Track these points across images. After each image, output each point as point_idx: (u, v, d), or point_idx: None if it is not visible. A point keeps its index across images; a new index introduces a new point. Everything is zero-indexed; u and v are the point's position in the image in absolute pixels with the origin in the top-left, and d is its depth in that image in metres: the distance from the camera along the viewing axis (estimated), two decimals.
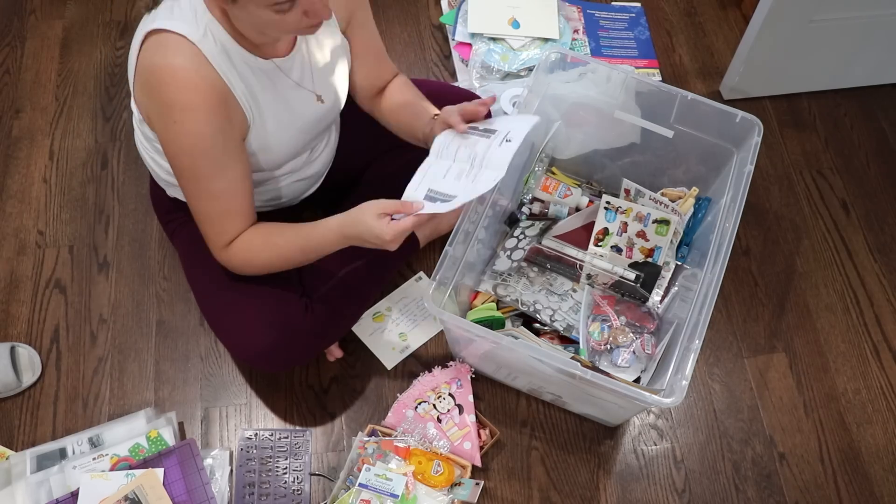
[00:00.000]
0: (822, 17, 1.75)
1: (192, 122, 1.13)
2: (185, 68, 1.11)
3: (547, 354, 1.25)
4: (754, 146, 1.42)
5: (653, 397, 1.18)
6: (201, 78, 1.12)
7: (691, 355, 1.21)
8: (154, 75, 1.13)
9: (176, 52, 1.11)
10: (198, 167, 1.18)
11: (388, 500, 1.31)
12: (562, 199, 1.66)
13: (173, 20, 1.11)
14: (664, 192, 1.64)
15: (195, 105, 1.12)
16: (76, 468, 1.34)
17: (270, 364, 1.40)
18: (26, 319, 1.57)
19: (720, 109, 1.47)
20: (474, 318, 1.46)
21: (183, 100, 1.12)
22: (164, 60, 1.12)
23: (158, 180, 1.41)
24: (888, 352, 1.62)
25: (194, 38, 1.11)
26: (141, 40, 1.14)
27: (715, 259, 1.32)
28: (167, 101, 1.13)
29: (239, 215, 1.24)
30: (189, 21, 1.12)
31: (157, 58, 1.12)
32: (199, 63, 1.12)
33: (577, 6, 2.07)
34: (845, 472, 1.48)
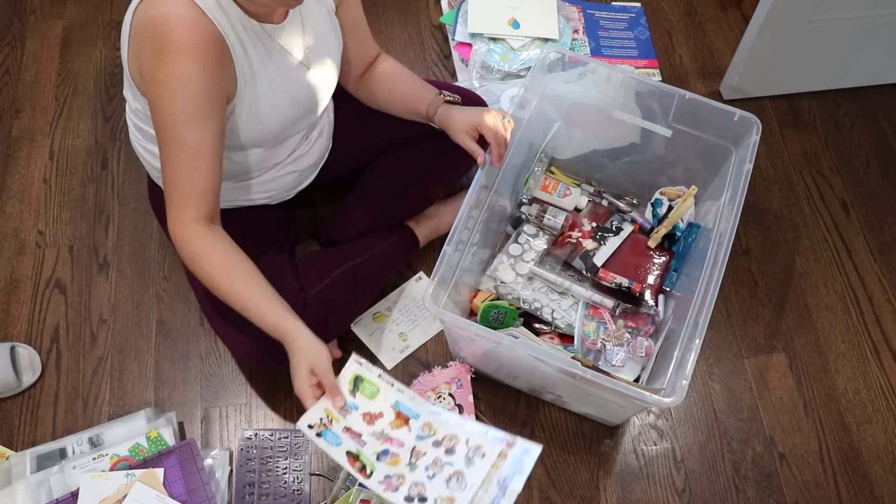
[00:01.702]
0: (822, 17, 1.75)
1: (182, 63, 1.10)
2: (181, 14, 1.09)
3: (547, 354, 1.25)
4: (753, 144, 1.42)
5: (653, 397, 1.18)
6: (197, 23, 1.10)
7: (691, 355, 1.21)
8: (148, 24, 1.10)
9: (172, 3, 1.09)
10: (176, 111, 1.13)
11: None
12: (561, 199, 1.66)
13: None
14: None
15: (187, 47, 1.10)
16: (76, 468, 1.34)
17: (268, 360, 1.39)
18: (26, 319, 1.57)
19: (718, 108, 1.47)
20: (486, 308, 1.46)
21: (176, 41, 1.09)
22: (158, 10, 1.10)
23: (154, 176, 1.41)
24: (888, 352, 1.62)
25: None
26: (135, 6, 1.12)
27: (714, 258, 1.32)
28: (160, 45, 1.10)
29: (206, 177, 1.18)
30: None
31: (151, 10, 1.10)
32: (196, 12, 1.10)
33: (577, 6, 2.07)
34: (845, 472, 1.48)
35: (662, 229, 1.60)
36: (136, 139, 1.36)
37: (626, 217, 1.67)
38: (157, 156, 1.32)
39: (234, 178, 1.36)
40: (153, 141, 1.29)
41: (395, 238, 1.58)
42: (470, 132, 1.38)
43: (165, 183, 1.19)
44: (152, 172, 1.40)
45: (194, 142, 1.15)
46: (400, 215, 1.60)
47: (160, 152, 1.18)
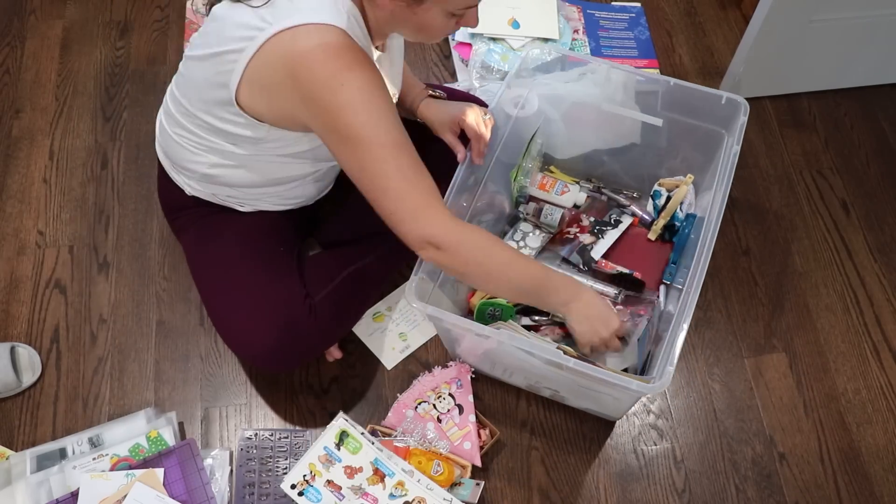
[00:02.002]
0: (822, 17, 1.75)
1: (361, 74, 1.09)
2: (341, 43, 1.08)
3: (534, 345, 1.24)
4: (740, 126, 1.43)
5: (637, 383, 1.17)
6: (358, 50, 1.10)
7: (678, 338, 1.20)
8: (305, 58, 1.07)
9: (325, 35, 1.08)
10: (379, 117, 1.10)
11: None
12: (559, 196, 1.66)
13: (310, 13, 1.08)
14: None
15: (359, 61, 1.09)
16: (76, 468, 1.34)
17: (274, 364, 1.40)
18: (26, 319, 1.57)
19: (705, 92, 1.48)
20: (482, 305, 1.46)
21: (347, 60, 1.08)
22: (312, 42, 1.07)
23: (185, 177, 1.38)
24: (888, 352, 1.62)
25: (342, 24, 1.09)
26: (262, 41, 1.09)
27: (702, 241, 1.32)
28: (328, 73, 1.07)
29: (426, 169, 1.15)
30: (331, 10, 1.09)
31: (300, 44, 1.07)
32: (352, 41, 1.10)
33: (577, 6, 2.07)
34: (845, 472, 1.48)
35: (661, 220, 1.60)
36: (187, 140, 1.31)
37: (625, 210, 1.67)
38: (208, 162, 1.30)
39: (275, 183, 1.37)
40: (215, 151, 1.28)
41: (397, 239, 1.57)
42: (451, 126, 1.39)
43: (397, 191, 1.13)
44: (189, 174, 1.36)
45: (406, 138, 1.14)
46: None
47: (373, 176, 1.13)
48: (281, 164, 1.31)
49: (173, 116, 1.32)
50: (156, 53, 1.95)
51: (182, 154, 1.34)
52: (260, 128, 1.21)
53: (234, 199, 1.39)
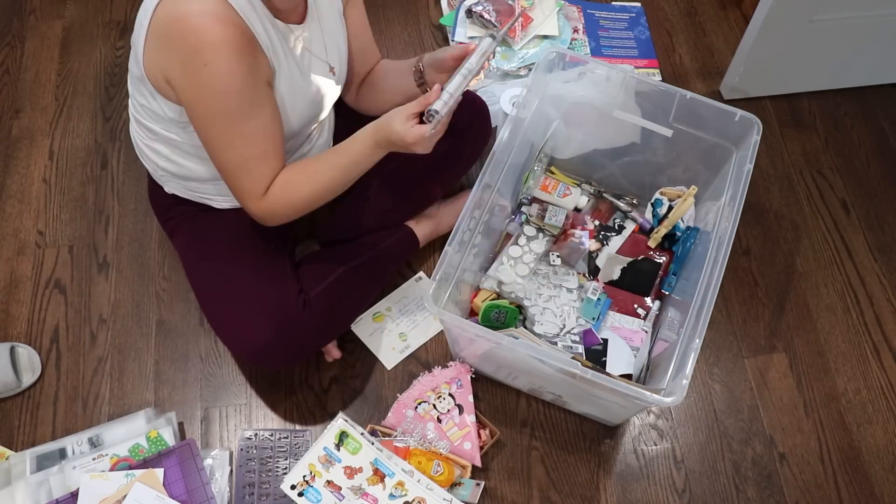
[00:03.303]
0: (822, 17, 1.75)
1: (223, 61, 1.10)
2: (211, 12, 1.08)
3: (547, 354, 1.25)
4: (754, 145, 1.42)
5: (654, 397, 1.18)
6: (228, 19, 1.10)
7: (691, 355, 1.20)
8: (177, 24, 1.08)
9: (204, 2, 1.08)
10: (231, 108, 1.13)
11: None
12: (561, 199, 1.66)
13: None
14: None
15: (224, 44, 1.09)
16: (76, 468, 1.34)
17: (268, 360, 1.40)
18: (26, 319, 1.57)
19: (719, 108, 1.47)
20: (486, 308, 1.46)
21: (211, 40, 1.08)
22: (186, 7, 1.08)
23: (156, 175, 1.41)
24: (888, 352, 1.62)
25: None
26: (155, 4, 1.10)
27: (714, 258, 1.32)
28: (194, 45, 1.08)
29: (274, 157, 1.21)
30: None
31: (178, 7, 1.08)
32: (225, 7, 1.10)
33: (577, 6, 2.07)
34: (845, 472, 1.48)
35: (663, 229, 1.60)
36: (139, 136, 1.36)
37: (628, 215, 1.67)
38: (160, 153, 1.33)
39: None
40: (160, 140, 1.29)
41: (396, 238, 1.58)
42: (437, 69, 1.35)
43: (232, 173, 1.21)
44: (154, 171, 1.40)
45: (256, 129, 1.17)
46: (400, 215, 1.60)
47: (217, 149, 1.19)
48: None
49: (130, 113, 1.34)
50: None
51: (141, 150, 1.37)
52: (173, 106, 1.21)
53: (206, 196, 1.39)
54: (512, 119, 1.44)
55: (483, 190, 1.37)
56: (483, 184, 1.36)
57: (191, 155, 1.31)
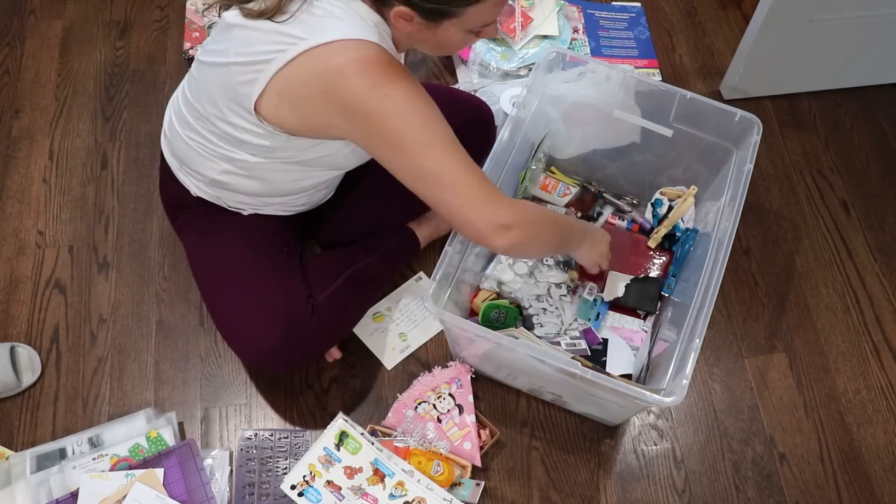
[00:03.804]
0: (822, 17, 1.75)
1: (403, 81, 1.10)
2: (379, 56, 1.09)
3: (547, 354, 1.25)
4: (754, 145, 1.42)
5: (654, 397, 1.18)
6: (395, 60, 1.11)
7: (691, 355, 1.20)
8: (343, 73, 1.08)
9: (360, 49, 1.08)
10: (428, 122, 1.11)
11: None
12: (560, 199, 1.66)
13: (341, 30, 1.08)
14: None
15: (397, 72, 1.10)
16: (76, 468, 1.34)
17: (274, 364, 1.40)
18: (26, 319, 1.57)
19: (719, 108, 1.47)
20: (486, 308, 1.46)
21: (385, 73, 1.08)
22: (350, 57, 1.08)
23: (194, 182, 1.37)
24: (888, 352, 1.62)
25: (374, 39, 1.10)
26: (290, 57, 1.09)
27: (714, 259, 1.32)
28: (370, 84, 1.08)
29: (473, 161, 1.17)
30: (362, 27, 1.10)
31: (336, 60, 1.08)
32: (384, 53, 1.11)
33: (577, 6, 2.07)
34: (845, 473, 1.48)
35: (663, 229, 1.60)
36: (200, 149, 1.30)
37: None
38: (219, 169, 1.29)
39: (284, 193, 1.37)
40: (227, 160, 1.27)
41: (397, 240, 1.58)
42: None
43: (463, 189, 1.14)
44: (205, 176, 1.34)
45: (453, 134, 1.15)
46: (401, 217, 1.60)
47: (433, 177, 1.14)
48: (293, 174, 1.30)
49: (185, 119, 1.31)
50: (156, 53, 1.95)
51: (192, 157, 1.33)
52: (278, 137, 1.20)
53: (240, 206, 1.39)
54: (512, 119, 1.44)
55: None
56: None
57: (254, 176, 1.30)
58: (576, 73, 1.55)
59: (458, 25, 1.13)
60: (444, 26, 1.12)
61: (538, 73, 1.50)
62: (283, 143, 1.21)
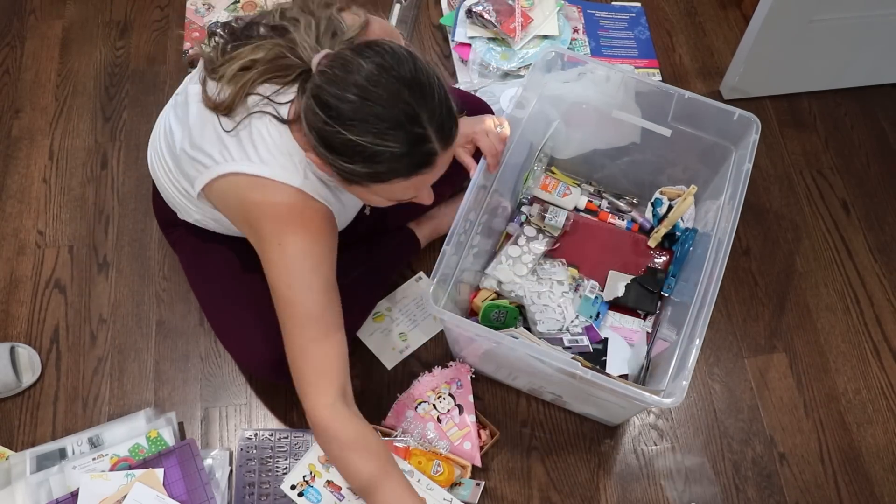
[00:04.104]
0: (822, 17, 1.75)
1: (301, 245, 1.11)
2: (292, 205, 1.11)
3: (547, 354, 1.25)
4: (752, 144, 1.42)
5: (653, 398, 1.18)
6: (309, 210, 1.12)
7: (691, 355, 1.20)
8: (254, 210, 1.12)
9: (279, 194, 1.10)
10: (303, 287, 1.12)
11: None
12: (561, 199, 1.66)
13: (268, 166, 1.10)
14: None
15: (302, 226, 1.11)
16: (76, 468, 1.34)
17: (276, 376, 1.39)
18: (26, 319, 1.57)
19: (718, 108, 1.47)
20: (486, 308, 1.46)
21: (292, 228, 1.11)
22: (266, 198, 1.11)
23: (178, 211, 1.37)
24: (888, 352, 1.62)
25: (296, 184, 1.11)
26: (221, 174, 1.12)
27: (714, 258, 1.32)
28: (270, 229, 1.11)
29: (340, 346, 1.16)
30: (287, 167, 1.11)
31: (254, 195, 1.11)
32: (306, 200, 1.12)
33: (577, 6, 2.07)
34: (846, 473, 1.48)
35: (662, 229, 1.60)
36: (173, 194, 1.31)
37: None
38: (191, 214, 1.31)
39: None
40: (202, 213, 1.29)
41: (397, 240, 1.58)
42: (465, 145, 1.38)
43: (295, 360, 1.16)
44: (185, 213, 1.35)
45: (323, 311, 1.14)
46: (401, 218, 1.59)
47: (283, 326, 1.15)
48: None
49: (163, 155, 1.30)
50: (156, 53, 1.95)
51: (171, 197, 1.33)
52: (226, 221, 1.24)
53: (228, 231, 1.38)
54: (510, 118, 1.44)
55: (478, 191, 1.37)
56: (478, 185, 1.36)
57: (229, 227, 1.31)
58: (576, 74, 1.55)
59: (369, 192, 1.10)
60: (354, 188, 1.10)
61: (534, 73, 1.50)
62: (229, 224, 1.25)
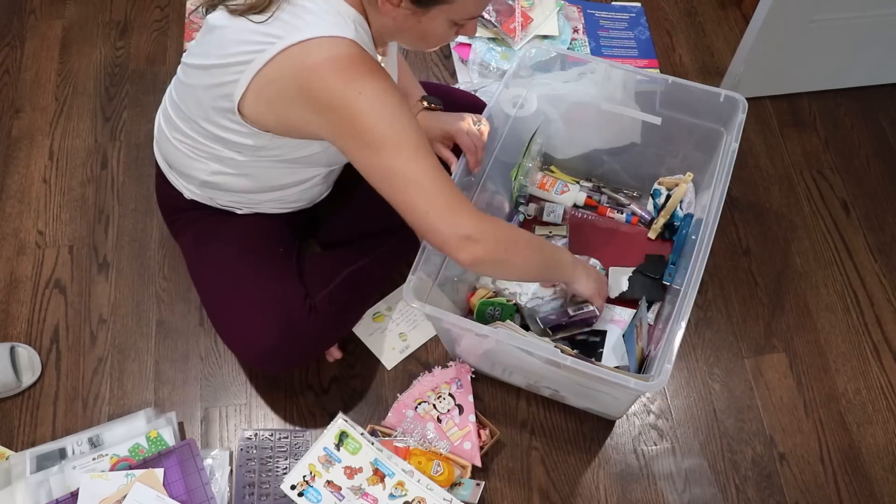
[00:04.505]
0: (822, 17, 1.75)
1: (377, 79, 1.08)
2: (353, 53, 1.08)
3: (531, 344, 1.24)
4: (739, 124, 1.42)
5: (635, 381, 1.17)
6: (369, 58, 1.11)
7: (676, 335, 1.20)
8: (318, 71, 1.07)
9: (336, 47, 1.08)
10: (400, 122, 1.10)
11: None
12: (559, 196, 1.66)
13: (316, 27, 1.07)
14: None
15: (371, 70, 1.09)
16: (76, 468, 1.34)
17: (272, 365, 1.40)
18: (26, 319, 1.57)
19: (703, 90, 1.47)
20: (481, 305, 1.46)
21: (359, 71, 1.08)
22: (324, 55, 1.07)
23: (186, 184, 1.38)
24: (888, 352, 1.62)
25: (350, 35, 1.09)
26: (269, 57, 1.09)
27: (700, 239, 1.32)
28: (344, 82, 1.07)
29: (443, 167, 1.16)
30: (337, 23, 1.09)
31: (312, 57, 1.07)
32: (362, 52, 1.10)
33: (577, 6, 2.07)
34: (845, 473, 1.48)
35: (661, 219, 1.60)
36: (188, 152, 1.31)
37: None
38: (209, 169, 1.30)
39: (276, 189, 1.36)
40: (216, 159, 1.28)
41: (396, 239, 1.57)
42: (443, 141, 1.38)
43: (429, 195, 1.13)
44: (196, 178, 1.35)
45: (424, 138, 1.13)
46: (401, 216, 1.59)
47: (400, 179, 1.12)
48: (282, 171, 1.31)
49: (172, 121, 1.31)
50: (156, 53, 1.95)
51: (181, 159, 1.34)
52: (262, 136, 1.20)
53: (234, 204, 1.39)
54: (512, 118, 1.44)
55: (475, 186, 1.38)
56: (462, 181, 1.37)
57: (243, 174, 1.30)
58: (576, 74, 1.55)
59: (446, 13, 1.11)
60: (432, 13, 1.11)
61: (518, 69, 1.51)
62: (268, 141, 1.21)
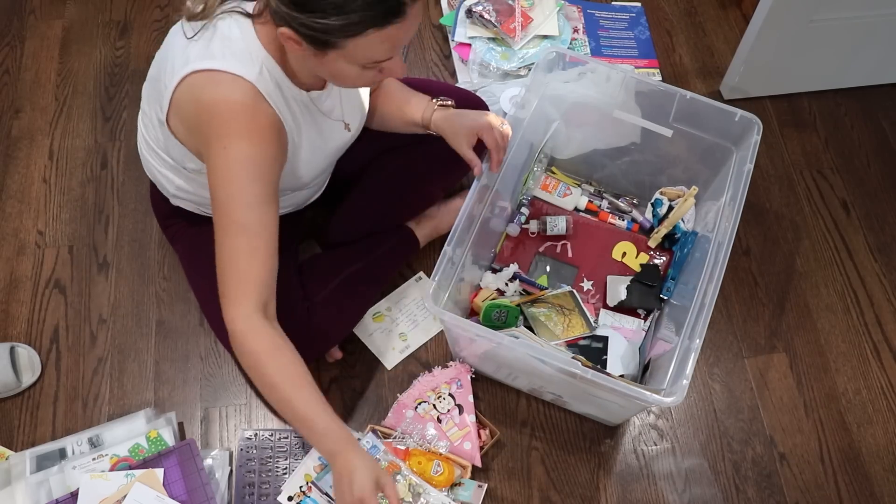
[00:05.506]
0: (822, 17, 1.75)
1: (245, 149, 1.10)
2: (243, 102, 1.10)
3: (547, 354, 1.25)
4: (754, 145, 1.42)
5: (654, 397, 1.18)
6: (259, 110, 1.11)
7: (692, 355, 1.20)
8: (207, 109, 1.10)
9: (232, 89, 1.09)
10: (240, 195, 1.11)
11: None
12: (561, 199, 1.66)
13: (224, 59, 1.09)
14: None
15: (251, 134, 1.10)
16: (76, 468, 1.34)
17: None
18: (26, 319, 1.57)
19: (719, 108, 1.47)
20: (487, 308, 1.46)
21: (239, 129, 1.09)
22: (218, 94, 1.09)
23: (165, 192, 1.40)
24: (888, 352, 1.62)
25: (251, 77, 1.10)
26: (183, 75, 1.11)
27: (715, 258, 1.32)
28: (221, 132, 1.10)
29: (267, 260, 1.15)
30: (244, 61, 1.10)
31: (209, 91, 1.10)
32: (257, 99, 1.11)
33: (577, 6, 2.07)
34: (846, 473, 1.48)
35: (663, 229, 1.60)
36: (152, 162, 1.34)
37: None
38: (173, 182, 1.33)
39: None
40: (175, 171, 1.30)
41: (396, 240, 1.58)
42: (468, 139, 1.37)
43: (221, 268, 1.15)
44: (164, 189, 1.39)
45: (256, 223, 1.14)
46: (400, 216, 1.60)
47: (216, 233, 1.15)
48: None
49: (141, 135, 1.34)
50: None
51: (153, 172, 1.37)
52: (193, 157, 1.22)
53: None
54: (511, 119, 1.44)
55: (481, 190, 1.37)
56: (481, 184, 1.36)
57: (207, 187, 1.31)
58: (576, 74, 1.55)
59: (345, 58, 1.08)
60: (329, 56, 1.08)
61: (537, 73, 1.50)
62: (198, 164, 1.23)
